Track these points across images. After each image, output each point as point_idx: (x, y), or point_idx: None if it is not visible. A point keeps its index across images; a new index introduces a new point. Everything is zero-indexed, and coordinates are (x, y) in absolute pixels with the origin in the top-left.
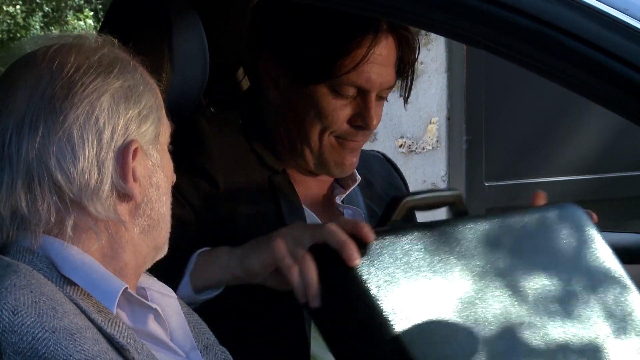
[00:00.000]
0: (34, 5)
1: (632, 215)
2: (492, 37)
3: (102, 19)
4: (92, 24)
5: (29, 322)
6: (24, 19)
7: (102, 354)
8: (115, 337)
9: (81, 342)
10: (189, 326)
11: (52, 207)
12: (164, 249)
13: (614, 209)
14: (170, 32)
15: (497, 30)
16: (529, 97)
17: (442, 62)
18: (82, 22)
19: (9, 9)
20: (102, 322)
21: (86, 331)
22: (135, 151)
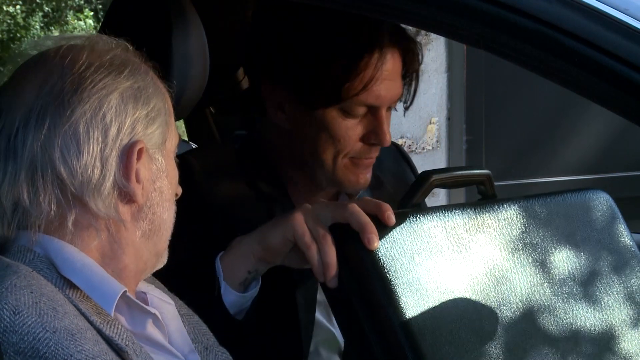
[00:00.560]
0: (34, 5)
1: (632, 215)
2: (492, 37)
3: (102, 19)
4: (92, 24)
5: (29, 322)
6: (24, 19)
7: (102, 354)
8: (114, 339)
9: (82, 342)
10: (189, 327)
11: (53, 201)
12: (164, 257)
13: None
14: (170, 32)
15: (497, 30)
16: (529, 97)
17: (442, 62)
18: (82, 22)
19: (9, 9)
20: (101, 325)
21: (86, 332)
22: (140, 152)
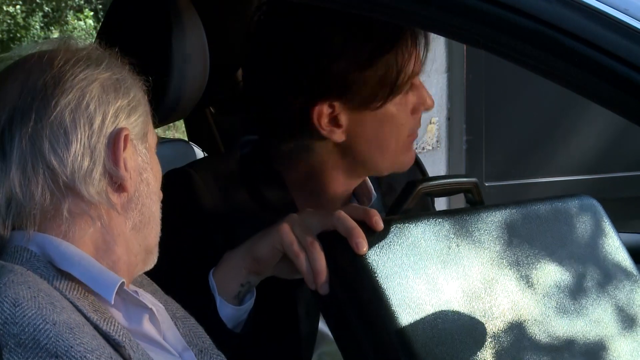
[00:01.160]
0: (34, 5)
1: (632, 215)
2: (492, 37)
3: (102, 19)
4: (92, 24)
5: (30, 314)
6: (24, 19)
7: (100, 348)
8: (111, 335)
9: (80, 335)
10: (185, 330)
11: (46, 191)
12: (154, 255)
13: (614, 209)
14: (170, 32)
15: (497, 30)
16: (529, 97)
17: (442, 62)
18: (82, 22)
19: (9, 9)
20: (98, 321)
21: (84, 327)
22: (125, 139)
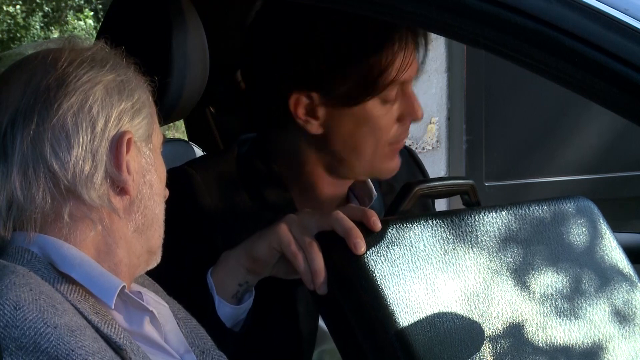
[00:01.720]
0: (34, 5)
1: (632, 215)
2: (492, 37)
3: (102, 19)
4: (92, 24)
5: (31, 318)
6: (24, 19)
7: (101, 351)
8: (112, 337)
9: (81, 338)
10: (187, 331)
11: (47, 194)
12: (158, 255)
13: (614, 209)
14: (170, 32)
15: (497, 30)
16: (529, 97)
17: (442, 62)
18: (82, 22)
19: (9, 9)
20: (99, 324)
21: (85, 329)
22: (129, 143)
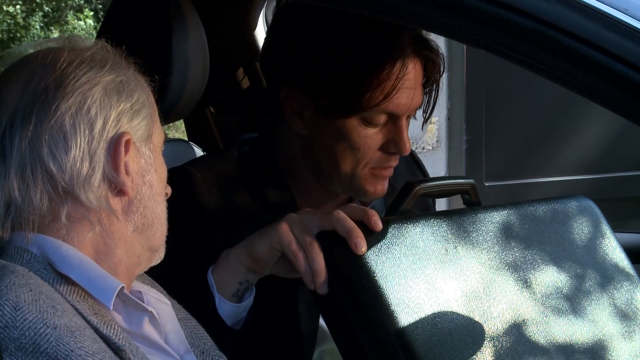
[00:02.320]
0: (34, 5)
1: (632, 215)
2: (492, 37)
3: (102, 19)
4: (92, 24)
5: (30, 318)
6: (24, 19)
7: (101, 352)
8: (111, 338)
9: (81, 339)
10: (187, 331)
11: (45, 196)
12: (160, 252)
13: (614, 209)
14: (170, 32)
15: (497, 30)
16: (529, 97)
17: None
18: (82, 22)
19: (9, 9)
20: (98, 324)
21: (84, 330)
22: (127, 144)
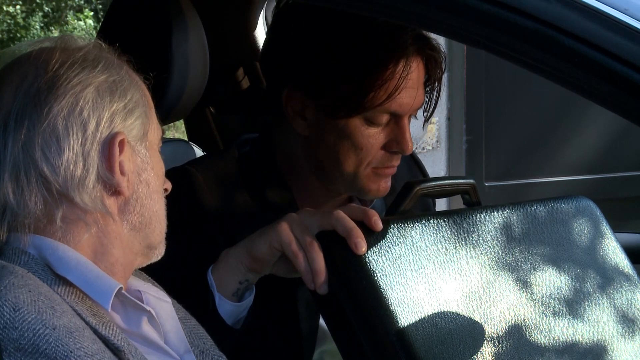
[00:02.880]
0: (34, 5)
1: (632, 215)
2: (492, 37)
3: (102, 19)
4: (92, 24)
5: (29, 319)
6: (24, 19)
7: (100, 352)
8: (110, 339)
9: (80, 340)
10: (185, 331)
11: (39, 199)
12: (160, 249)
13: (614, 209)
14: (170, 32)
15: (497, 30)
16: (529, 97)
17: None
18: (82, 22)
19: (9, 9)
20: (97, 325)
21: (83, 331)
22: (121, 144)
